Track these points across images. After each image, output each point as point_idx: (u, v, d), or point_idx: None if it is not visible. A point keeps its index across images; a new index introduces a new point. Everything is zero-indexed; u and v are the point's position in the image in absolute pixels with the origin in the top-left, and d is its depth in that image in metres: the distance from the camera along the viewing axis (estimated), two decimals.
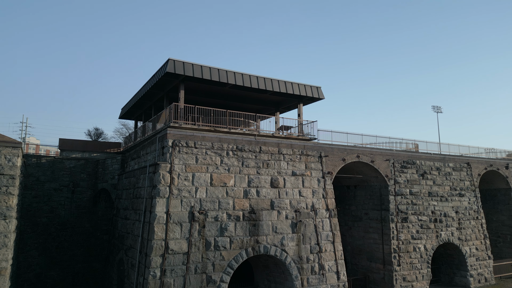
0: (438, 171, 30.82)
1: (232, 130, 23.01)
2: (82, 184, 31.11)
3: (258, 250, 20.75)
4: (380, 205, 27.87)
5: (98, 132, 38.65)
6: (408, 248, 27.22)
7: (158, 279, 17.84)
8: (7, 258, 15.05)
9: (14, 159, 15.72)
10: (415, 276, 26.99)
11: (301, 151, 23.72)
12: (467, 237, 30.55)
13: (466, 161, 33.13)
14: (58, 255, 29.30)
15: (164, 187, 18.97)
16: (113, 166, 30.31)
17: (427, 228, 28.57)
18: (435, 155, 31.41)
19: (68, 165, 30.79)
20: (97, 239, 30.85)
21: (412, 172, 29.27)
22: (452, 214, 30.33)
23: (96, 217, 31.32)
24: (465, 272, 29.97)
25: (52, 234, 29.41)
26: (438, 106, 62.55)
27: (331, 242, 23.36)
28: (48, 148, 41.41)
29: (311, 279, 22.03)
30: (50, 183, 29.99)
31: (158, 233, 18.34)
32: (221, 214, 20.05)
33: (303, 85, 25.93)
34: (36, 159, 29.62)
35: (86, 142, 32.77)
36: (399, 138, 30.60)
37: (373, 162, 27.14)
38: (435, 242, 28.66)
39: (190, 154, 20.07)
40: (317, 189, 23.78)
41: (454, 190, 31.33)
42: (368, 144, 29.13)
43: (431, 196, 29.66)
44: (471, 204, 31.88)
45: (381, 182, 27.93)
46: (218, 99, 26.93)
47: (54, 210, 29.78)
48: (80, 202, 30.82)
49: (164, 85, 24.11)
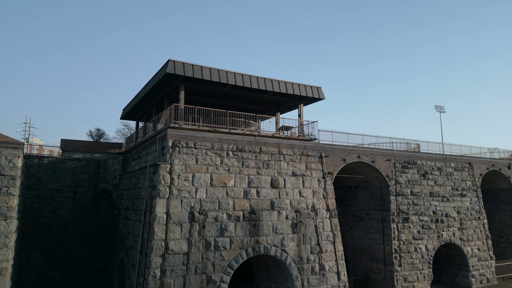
0: (439, 171, 30.73)
1: (232, 130, 23.03)
2: (84, 185, 31.20)
3: (258, 250, 20.76)
4: (381, 205, 27.81)
5: (99, 133, 38.78)
6: (409, 249, 27.15)
7: (158, 279, 17.89)
8: (7, 258, 15.14)
9: (15, 160, 15.82)
10: (416, 277, 26.92)
11: (301, 152, 23.71)
12: (469, 238, 30.44)
13: (468, 161, 33.01)
14: (60, 255, 29.41)
15: (164, 187, 19.01)
16: (115, 166, 30.40)
17: (428, 228, 28.48)
18: (436, 155, 31.32)
19: (70, 166, 30.90)
20: (98, 239, 30.94)
21: (413, 172, 29.20)
22: (454, 214, 30.23)
23: (98, 217, 31.41)
24: (467, 273, 29.86)
25: (54, 234, 29.52)
26: (441, 106, 62.41)
27: (332, 243, 23.34)
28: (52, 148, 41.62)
29: (311, 280, 22.02)
30: (52, 184, 30.10)
31: (158, 234, 18.38)
32: (221, 214, 20.07)
33: (303, 85, 25.92)
34: (38, 159, 29.75)
35: (87, 142, 32.88)
36: (400, 138, 30.54)
37: (374, 162, 27.10)
38: (436, 242, 28.57)
39: (190, 154, 20.10)
40: (318, 190, 23.76)
41: (456, 190, 31.21)
42: (369, 144, 29.10)
43: (433, 196, 29.57)
44: (473, 204, 31.75)
45: (382, 182, 27.88)
46: (218, 100, 26.97)
47: (56, 210, 29.89)
48: (81, 202, 30.91)
49: (165, 86, 24.17)
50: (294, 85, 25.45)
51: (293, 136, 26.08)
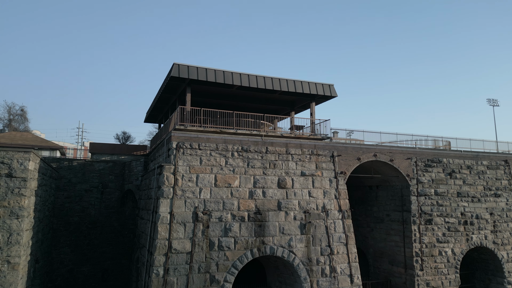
0: (469, 170, 28.71)
1: (238, 131, 23.12)
2: (111, 185, 32.82)
3: (264, 251, 20.66)
4: (402, 206, 26.54)
5: (126, 136, 40.61)
6: (433, 252, 25.65)
7: (161, 277, 18.40)
8: (19, 254, 16.33)
9: (26, 163, 17.03)
10: (440, 282, 25.37)
11: (311, 151, 23.25)
12: (504, 241, 28.15)
13: (504, 159, 30.53)
14: (89, 252, 31.18)
15: (168, 188, 19.52)
16: (138, 168, 31.65)
17: (455, 230, 26.73)
18: (466, 152, 29.30)
19: (98, 167, 32.65)
20: (124, 237, 32.39)
21: (438, 171, 27.53)
22: (486, 216, 28.10)
23: (124, 216, 32.90)
24: (502, 279, 27.64)
25: (84, 232, 31.34)
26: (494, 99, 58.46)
27: (344, 244, 22.65)
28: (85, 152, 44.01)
29: (321, 282, 21.51)
30: (81, 185, 31.98)
31: (162, 233, 18.91)
32: (225, 214, 20.22)
33: (314, 84, 25.39)
34: (68, 162, 31.76)
35: (114, 145, 34.56)
36: (424, 135, 28.95)
37: (392, 161, 25.91)
38: (465, 246, 26.74)
39: (194, 155, 20.46)
40: (329, 190, 23.17)
41: (489, 190, 29.00)
42: (390, 142, 27.88)
43: (461, 197, 27.70)
44: (509, 205, 29.32)
45: (402, 182, 26.59)
46: (226, 100, 27.13)
47: (85, 209, 31.72)
48: (108, 202, 32.54)
49: (175, 89, 24.81)
50: (304, 84, 25.02)
51: (303, 136, 25.64)
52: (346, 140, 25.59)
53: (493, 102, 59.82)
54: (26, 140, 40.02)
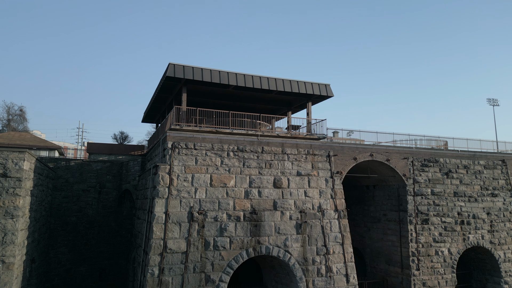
0: (466, 169, 28.71)
1: (235, 131, 23.14)
2: (108, 185, 32.84)
3: (259, 250, 20.67)
4: (398, 206, 26.56)
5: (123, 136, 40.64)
6: (429, 252, 25.65)
7: (156, 277, 18.42)
8: (14, 254, 16.37)
9: (21, 163, 17.07)
10: (437, 281, 25.38)
11: (307, 151, 23.26)
12: (501, 241, 28.15)
13: (501, 158, 30.53)
14: (86, 252, 31.18)
15: (163, 188, 19.54)
16: (135, 167, 31.67)
17: (452, 230, 26.73)
18: (462, 152, 29.29)
19: (95, 167, 32.66)
20: (122, 237, 32.41)
21: (435, 170, 27.53)
22: (483, 215, 28.10)
23: (121, 216, 32.92)
24: (499, 279, 27.65)
25: (81, 232, 31.36)
26: (494, 99, 58.46)
27: (340, 244, 22.66)
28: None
29: (317, 281, 21.53)
30: (79, 185, 31.99)
31: (157, 233, 18.93)
32: (220, 214, 20.24)
33: (310, 83, 25.39)
34: (65, 162, 31.78)
35: (112, 145, 34.58)
36: (421, 135, 28.93)
37: (389, 161, 25.91)
38: (461, 245, 26.74)
39: (189, 155, 20.48)
40: (325, 189, 23.18)
41: (486, 189, 29.00)
42: (386, 142, 27.89)
43: (457, 196, 27.71)
44: (506, 205, 29.32)
45: (399, 181, 26.60)
46: (223, 100, 27.13)
47: (82, 209, 31.73)
48: (106, 202, 32.56)
49: (171, 89, 24.83)
50: (300, 83, 25.02)
51: (299, 135, 25.65)
52: (346, 140, 25.56)
53: (493, 102, 59.78)
54: (25, 140, 40.06)
